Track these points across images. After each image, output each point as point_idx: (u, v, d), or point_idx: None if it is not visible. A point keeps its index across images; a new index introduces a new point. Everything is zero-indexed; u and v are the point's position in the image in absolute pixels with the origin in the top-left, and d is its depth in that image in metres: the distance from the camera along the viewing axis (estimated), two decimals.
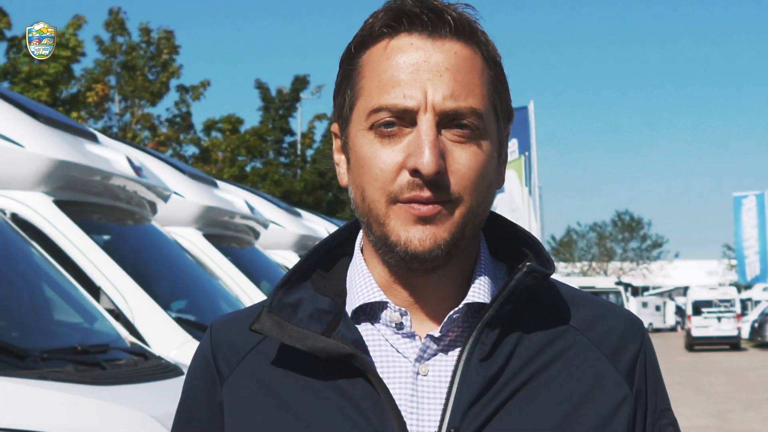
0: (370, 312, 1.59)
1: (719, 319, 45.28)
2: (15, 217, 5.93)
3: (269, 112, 39.29)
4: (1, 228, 4.96)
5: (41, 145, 6.12)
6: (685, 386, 25.54)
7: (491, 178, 1.56)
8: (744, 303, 55.37)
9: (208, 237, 9.28)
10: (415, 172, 1.48)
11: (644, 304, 71.57)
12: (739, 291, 55.62)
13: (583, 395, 1.56)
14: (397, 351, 1.56)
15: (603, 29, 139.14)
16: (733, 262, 65.60)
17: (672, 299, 79.49)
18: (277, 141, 39.45)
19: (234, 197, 10.13)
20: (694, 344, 45.00)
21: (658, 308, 72.57)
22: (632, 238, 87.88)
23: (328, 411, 1.52)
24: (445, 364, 1.55)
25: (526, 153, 30.43)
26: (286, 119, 39.68)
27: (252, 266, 9.75)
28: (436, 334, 1.55)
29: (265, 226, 10.75)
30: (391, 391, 1.52)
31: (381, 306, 1.57)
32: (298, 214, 13.57)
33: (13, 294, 4.87)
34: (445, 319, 1.55)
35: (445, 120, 1.50)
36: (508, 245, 1.65)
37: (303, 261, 1.63)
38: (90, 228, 6.52)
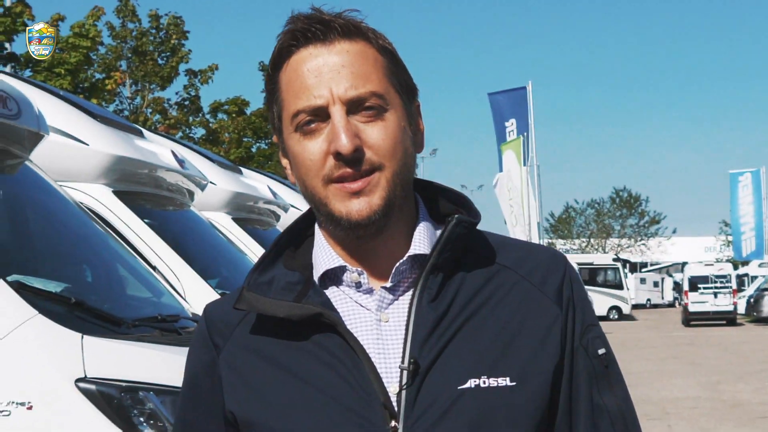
0: (334, 277, 1.81)
1: (716, 294, 45.49)
2: (80, 206, 6.49)
3: None
4: (82, 217, 5.72)
5: (102, 142, 6.84)
6: (680, 359, 25.67)
7: (406, 144, 1.77)
8: (740, 279, 55.54)
9: (236, 220, 9.97)
10: (337, 155, 1.71)
11: (642, 281, 71.00)
12: (735, 267, 55.70)
13: (521, 321, 1.79)
14: (361, 305, 1.78)
15: (600, 9, 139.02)
16: (730, 238, 65.72)
17: (670, 275, 79.26)
18: None
19: (258, 183, 10.74)
20: (691, 319, 45.18)
21: (656, 284, 72.29)
22: (630, 215, 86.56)
23: (311, 362, 1.75)
24: (402, 309, 1.77)
25: (525, 133, 30.54)
26: None
27: None
28: (388, 284, 1.78)
29: (286, 209, 11.32)
30: (360, 339, 1.74)
31: (341, 270, 1.80)
32: None
33: (98, 271, 5.59)
34: (393, 271, 1.78)
35: (353, 107, 1.73)
36: (444, 206, 1.89)
37: (272, 247, 1.87)
38: (141, 214, 7.26)
